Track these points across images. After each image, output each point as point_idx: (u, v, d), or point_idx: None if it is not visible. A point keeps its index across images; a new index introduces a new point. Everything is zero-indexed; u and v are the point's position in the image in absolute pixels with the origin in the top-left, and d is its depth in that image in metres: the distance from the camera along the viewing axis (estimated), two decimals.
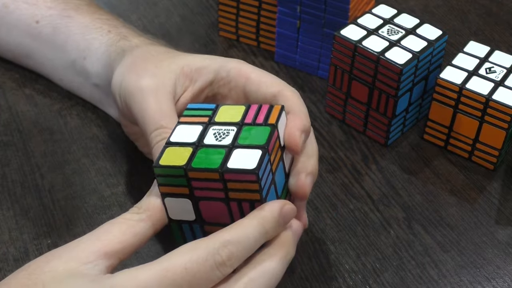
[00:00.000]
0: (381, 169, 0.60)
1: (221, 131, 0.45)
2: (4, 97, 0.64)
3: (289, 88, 0.50)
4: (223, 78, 0.52)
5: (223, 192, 0.43)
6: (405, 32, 0.60)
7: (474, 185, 0.59)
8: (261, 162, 0.42)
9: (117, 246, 0.40)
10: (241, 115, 0.46)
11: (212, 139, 0.44)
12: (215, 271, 0.39)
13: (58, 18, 0.62)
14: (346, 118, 0.64)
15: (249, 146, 0.43)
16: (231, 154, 0.43)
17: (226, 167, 0.42)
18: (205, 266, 0.39)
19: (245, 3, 0.70)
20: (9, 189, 0.57)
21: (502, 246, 0.55)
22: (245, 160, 0.42)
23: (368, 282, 0.51)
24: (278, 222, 0.42)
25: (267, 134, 0.44)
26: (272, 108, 0.46)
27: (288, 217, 0.43)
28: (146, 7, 0.77)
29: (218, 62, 0.52)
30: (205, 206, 0.44)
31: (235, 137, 0.44)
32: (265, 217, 0.42)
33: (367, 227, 0.55)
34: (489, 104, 0.57)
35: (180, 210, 0.44)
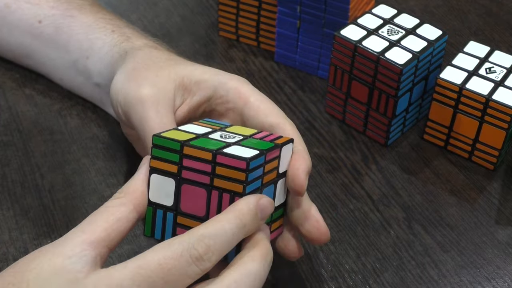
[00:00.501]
0: (381, 169, 0.60)
1: (228, 134, 0.45)
2: (4, 97, 0.64)
3: (288, 121, 0.49)
4: (221, 97, 0.51)
5: (209, 177, 0.43)
6: (405, 32, 0.60)
7: (474, 185, 0.59)
8: (256, 157, 0.42)
9: (102, 234, 0.40)
10: (251, 133, 0.46)
11: (217, 136, 0.45)
12: (192, 266, 0.38)
13: (61, 18, 0.62)
14: (346, 118, 0.64)
15: (249, 147, 0.43)
16: (230, 147, 0.43)
17: (222, 151, 0.42)
18: (180, 261, 0.38)
19: (245, 3, 0.70)
20: (9, 189, 0.57)
21: (502, 246, 0.55)
22: (241, 152, 0.42)
23: (368, 282, 0.52)
24: (255, 215, 0.41)
25: (270, 146, 0.44)
26: (281, 137, 0.47)
27: (266, 210, 0.42)
28: (146, 7, 0.77)
29: (218, 78, 0.52)
30: (186, 191, 0.44)
31: (239, 140, 0.44)
32: (241, 209, 0.41)
33: (367, 227, 0.55)
34: (489, 104, 0.57)
35: (161, 191, 0.44)
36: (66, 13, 0.62)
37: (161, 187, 0.44)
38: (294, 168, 0.46)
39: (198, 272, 0.39)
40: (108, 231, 0.40)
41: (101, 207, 0.42)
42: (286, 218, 0.48)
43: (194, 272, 0.38)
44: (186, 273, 0.38)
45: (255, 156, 0.42)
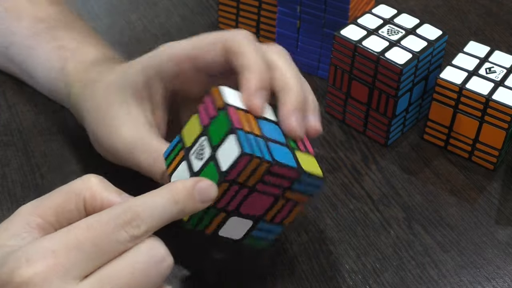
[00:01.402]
0: (381, 169, 0.60)
1: (198, 149, 0.44)
2: (4, 97, 0.64)
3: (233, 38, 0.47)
4: (172, 78, 0.50)
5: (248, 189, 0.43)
6: (405, 32, 0.60)
7: (474, 185, 0.59)
8: (241, 141, 0.41)
9: (50, 218, 0.40)
10: (198, 123, 0.45)
11: (197, 163, 0.44)
12: (121, 231, 0.38)
13: (22, 48, 0.61)
14: (346, 118, 0.64)
15: (222, 140, 0.42)
16: (218, 159, 0.42)
17: (222, 171, 0.42)
18: (108, 225, 0.38)
19: (245, 3, 0.70)
20: (9, 189, 0.57)
21: (502, 246, 0.55)
22: (229, 152, 0.42)
23: (368, 282, 0.52)
24: (190, 194, 0.40)
25: (226, 117, 0.43)
26: (211, 94, 0.45)
27: (205, 192, 0.41)
28: (146, 7, 0.77)
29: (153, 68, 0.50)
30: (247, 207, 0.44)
31: (209, 144, 0.44)
32: (176, 187, 0.40)
33: (367, 227, 0.55)
34: (489, 104, 0.57)
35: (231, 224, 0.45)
36: (26, 42, 0.61)
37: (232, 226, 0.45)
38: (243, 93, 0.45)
39: (127, 238, 0.38)
40: (59, 216, 0.40)
41: (65, 186, 0.41)
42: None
43: (123, 237, 0.38)
44: (115, 237, 0.38)
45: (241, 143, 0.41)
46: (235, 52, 0.47)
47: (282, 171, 0.43)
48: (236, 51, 0.47)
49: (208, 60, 0.48)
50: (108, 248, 0.37)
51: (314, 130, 0.47)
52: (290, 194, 0.44)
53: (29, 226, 0.39)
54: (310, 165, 0.45)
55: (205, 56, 0.48)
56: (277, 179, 0.43)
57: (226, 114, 0.43)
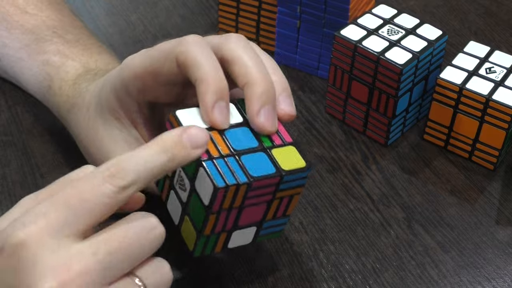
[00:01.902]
0: (381, 169, 0.60)
1: (179, 180, 0.44)
2: (4, 97, 0.64)
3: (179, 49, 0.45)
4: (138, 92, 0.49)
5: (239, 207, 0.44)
6: (405, 32, 0.60)
7: (474, 185, 0.59)
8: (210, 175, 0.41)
9: None
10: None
11: (183, 194, 0.44)
12: (106, 184, 0.38)
13: (13, 61, 0.61)
14: (346, 118, 0.64)
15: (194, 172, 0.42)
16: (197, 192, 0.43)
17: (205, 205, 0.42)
18: (93, 181, 0.38)
19: (245, 3, 0.70)
20: (9, 189, 0.57)
21: (502, 246, 0.55)
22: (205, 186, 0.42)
23: (368, 282, 0.51)
24: (179, 141, 0.40)
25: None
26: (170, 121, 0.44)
27: (195, 138, 0.40)
28: (146, 7, 0.77)
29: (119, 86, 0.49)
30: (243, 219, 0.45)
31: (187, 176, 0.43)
32: (162, 137, 0.40)
33: (367, 227, 0.55)
34: (489, 104, 0.57)
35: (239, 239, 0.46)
36: (17, 54, 0.61)
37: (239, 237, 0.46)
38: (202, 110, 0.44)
39: (114, 190, 0.38)
40: None
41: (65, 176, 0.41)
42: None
43: (109, 189, 0.38)
44: (101, 191, 0.38)
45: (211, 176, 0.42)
46: (186, 64, 0.44)
47: (263, 183, 0.42)
48: (187, 63, 0.44)
49: (166, 74, 0.46)
50: (95, 201, 0.38)
51: (287, 115, 0.45)
52: (281, 194, 0.44)
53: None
54: (290, 160, 0.43)
55: (162, 70, 0.46)
56: (262, 190, 0.43)
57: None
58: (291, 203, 0.45)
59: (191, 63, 0.44)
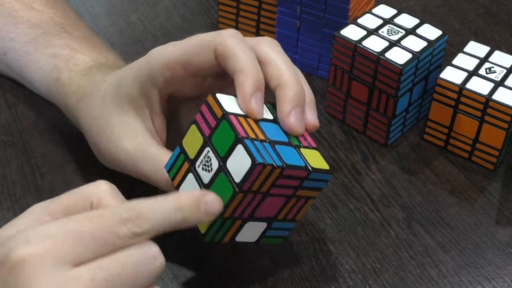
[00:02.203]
0: (381, 169, 0.60)
1: (204, 161, 0.44)
2: (4, 97, 0.64)
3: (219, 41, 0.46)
4: (165, 83, 0.49)
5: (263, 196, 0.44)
6: (405, 32, 0.60)
7: (474, 185, 0.59)
8: (250, 151, 0.42)
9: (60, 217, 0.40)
10: (200, 133, 0.45)
11: (206, 175, 0.44)
12: (121, 227, 0.38)
13: (20, 54, 0.61)
14: (346, 118, 0.64)
15: (230, 150, 0.43)
16: (228, 170, 0.43)
17: (236, 183, 0.42)
18: (109, 220, 0.38)
19: (245, 3, 0.70)
20: (9, 189, 0.57)
21: (502, 246, 0.55)
22: (240, 163, 0.42)
23: (368, 282, 0.51)
24: (195, 204, 0.41)
25: (228, 127, 0.43)
26: (208, 102, 0.45)
27: (210, 206, 0.41)
28: (146, 7, 0.77)
29: (146, 75, 0.49)
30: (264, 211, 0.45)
31: (216, 155, 0.44)
32: (181, 195, 0.41)
33: (367, 227, 0.55)
34: (489, 104, 0.57)
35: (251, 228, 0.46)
36: (23, 48, 0.61)
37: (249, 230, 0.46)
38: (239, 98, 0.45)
39: (127, 234, 0.38)
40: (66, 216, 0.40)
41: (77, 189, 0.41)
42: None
43: (123, 233, 0.38)
44: (115, 232, 0.38)
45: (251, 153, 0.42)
46: (225, 56, 0.46)
47: (293, 173, 0.43)
48: (226, 55, 0.46)
49: (199, 64, 0.48)
50: (107, 241, 0.38)
51: (312, 126, 0.47)
52: (301, 192, 0.45)
53: (38, 222, 0.40)
54: (316, 161, 0.45)
55: (196, 61, 0.48)
56: (289, 181, 0.44)
57: (227, 123, 0.43)
58: (303, 207, 0.46)
59: (231, 54, 0.46)
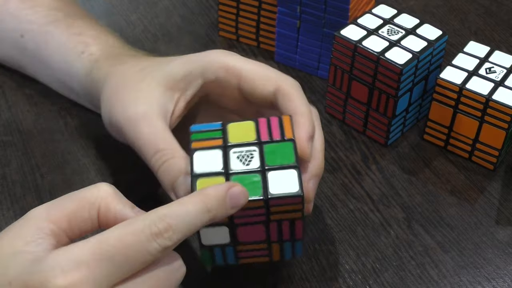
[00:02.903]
0: (381, 169, 0.60)
1: (243, 153, 0.44)
2: (4, 97, 0.64)
3: (287, 81, 0.49)
4: (212, 81, 0.51)
5: (265, 217, 0.43)
6: (405, 32, 0.60)
7: (474, 185, 0.59)
8: (301, 181, 0.42)
9: (64, 225, 0.40)
10: (255, 133, 0.45)
11: (238, 164, 0.44)
12: (152, 242, 0.38)
13: (39, 34, 0.61)
14: (346, 118, 0.64)
15: (281, 167, 0.43)
16: (267, 178, 0.43)
17: (270, 193, 0.42)
18: (140, 237, 0.38)
19: (245, 3, 0.70)
20: (9, 189, 0.57)
21: (502, 246, 0.55)
22: (284, 183, 0.42)
23: (368, 282, 0.52)
24: (222, 201, 0.41)
25: (292, 150, 0.44)
26: (281, 120, 0.46)
27: (236, 198, 0.41)
28: (146, 7, 0.77)
29: (200, 64, 0.51)
30: (242, 230, 0.44)
31: (261, 159, 0.44)
32: (208, 194, 0.41)
33: (367, 227, 0.55)
34: (489, 104, 0.57)
35: (214, 237, 0.44)
36: (43, 28, 0.61)
37: (213, 234, 0.44)
38: (296, 136, 0.46)
39: (159, 249, 0.38)
40: (71, 223, 0.40)
41: (78, 193, 0.41)
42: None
43: (154, 249, 0.38)
44: (146, 249, 0.38)
45: (300, 181, 0.42)
46: (287, 95, 0.48)
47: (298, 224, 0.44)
48: (288, 94, 0.48)
49: (256, 89, 0.50)
50: (139, 259, 0.38)
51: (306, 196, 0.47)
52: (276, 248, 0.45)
53: (42, 232, 0.39)
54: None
55: (255, 85, 0.50)
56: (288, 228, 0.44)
57: (292, 146, 0.44)
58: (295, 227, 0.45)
59: (293, 94, 0.49)
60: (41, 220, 0.40)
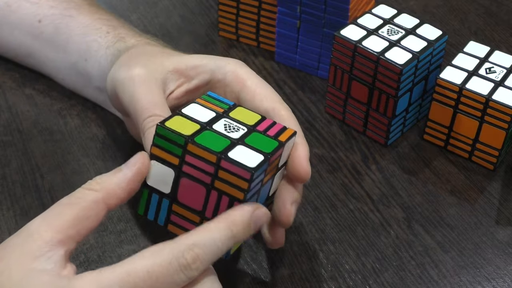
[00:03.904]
0: (381, 169, 0.60)
1: (232, 125, 0.45)
2: (4, 97, 0.64)
3: (284, 106, 0.50)
4: (219, 80, 0.52)
5: (211, 178, 0.43)
6: (405, 32, 0.60)
7: (474, 185, 0.59)
8: (260, 166, 0.42)
9: (70, 231, 0.39)
10: (255, 121, 0.46)
11: (221, 128, 0.44)
12: (180, 274, 0.38)
13: (60, 18, 0.61)
14: (346, 118, 0.64)
15: (253, 148, 0.43)
16: (234, 147, 0.43)
17: (226, 155, 0.42)
18: (168, 269, 0.38)
19: (245, 3, 0.70)
20: (9, 189, 0.57)
21: (502, 246, 0.55)
22: (245, 157, 0.42)
23: (368, 282, 0.52)
24: (248, 226, 0.41)
25: (274, 146, 0.44)
26: (285, 129, 0.46)
27: (260, 221, 0.42)
28: (146, 7, 0.77)
29: (215, 62, 0.52)
30: (185, 184, 0.43)
31: (243, 136, 0.44)
32: (234, 220, 0.41)
33: (367, 227, 0.55)
34: (489, 104, 0.57)
35: (160, 178, 0.44)
36: (65, 12, 0.61)
37: (159, 174, 0.44)
38: (298, 156, 0.46)
39: (185, 280, 0.39)
40: (78, 227, 0.40)
41: (71, 197, 0.41)
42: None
43: (181, 280, 0.39)
44: (173, 281, 0.38)
45: (260, 165, 0.42)
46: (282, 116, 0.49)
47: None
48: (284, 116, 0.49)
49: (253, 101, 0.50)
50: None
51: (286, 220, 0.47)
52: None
53: (50, 244, 0.39)
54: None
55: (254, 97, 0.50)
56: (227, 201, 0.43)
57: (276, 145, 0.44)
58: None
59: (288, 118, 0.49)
60: (43, 232, 0.39)
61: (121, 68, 0.52)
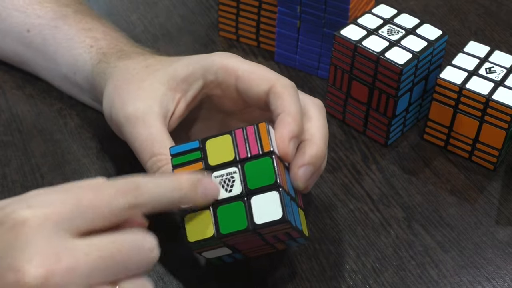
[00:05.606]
0: (381, 169, 0.60)
1: (225, 177, 0.44)
2: (4, 97, 0.64)
3: (280, 81, 0.49)
4: (212, 81, 0.51)
5: (259, 237, 0.44)
6: (405, 32, 0.60)
7: (474, 185, 0.59)
8: (283, 203, 0.42)
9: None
10: (233, 149, 0.45)
11: (221, 191, 0.44)
12: (119, 199, 0.38)
13: (47, 28, 0.61)
14: (346, 118, 0.64)
15: (262, 189, 0.43)
16: (251, 206, 0.43)
17: (255, 223, 0.42)
18: (108, 191, 0.38)
19: (245, 3, 0.70)
20: (9, 189, 0.57)
21: (502, 246, 0.55)
22: (268, 209, 0.42)
23: (368, 282, 0.51)
24: (194, 185, 0.42)
25: (270, 166, 0.43)
26: (257, 128, 0.45)
27: (208, 189, 0.42)
28: (146, 7, 0.77)
29: (202, 65, 0.51)
30: (241, 245, 0.45)
31: (243, 182, 0.44)
32: (181, 175, 0.42)
33: (367, 227, 0.55)
34: (489, 104, 0.57)
35: (218, 253, 0.46)
36: (52, 23, 0.61)
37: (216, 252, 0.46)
38: (277, 137, 0.46)
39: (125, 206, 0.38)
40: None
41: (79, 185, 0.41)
42: None
43: (121, 204, 0.38)
44: (112, 202, 0.38)
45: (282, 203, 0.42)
46: (278, 93, 0.48)
47: (293, 233, 0.44)
48: (279, 93, 0.48)
49: (251, 88, 0.50)
50: (104, 210, 0.38)
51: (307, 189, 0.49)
52: (279, 245, 0.46)
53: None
54: (303, 224, 0.46)
55: (250, 84, 0.50)
56: (285, 236, 0.45)
57: (271, 162, 0.44)
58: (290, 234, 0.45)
59: (284, 94, 0.48)
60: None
61: (116, 105, 0.52)
